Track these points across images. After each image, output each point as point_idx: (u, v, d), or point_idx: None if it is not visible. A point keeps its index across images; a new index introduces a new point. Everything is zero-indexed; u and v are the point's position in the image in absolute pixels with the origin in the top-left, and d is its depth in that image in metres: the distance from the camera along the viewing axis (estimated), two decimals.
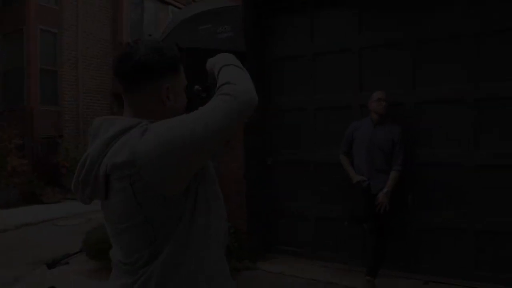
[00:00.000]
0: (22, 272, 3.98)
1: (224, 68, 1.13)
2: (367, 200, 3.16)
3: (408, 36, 3.43)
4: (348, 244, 3.72)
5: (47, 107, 9.42)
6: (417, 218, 3.41)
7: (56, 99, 9.72)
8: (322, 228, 3.88)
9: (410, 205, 3.41)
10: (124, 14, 10.85)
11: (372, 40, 3.61)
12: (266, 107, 4.06)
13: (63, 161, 8.64)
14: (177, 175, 0.98)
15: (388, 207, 3.12)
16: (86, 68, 10.29)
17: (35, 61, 9.24)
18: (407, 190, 3.37)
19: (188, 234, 1.04)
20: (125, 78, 1.09)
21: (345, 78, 3.75)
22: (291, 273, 3.65)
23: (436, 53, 3.35)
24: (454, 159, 3.27)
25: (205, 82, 1.27)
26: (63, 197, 8.26)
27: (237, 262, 3.70)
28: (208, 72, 1.24)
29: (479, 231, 3.18)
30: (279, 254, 4.07)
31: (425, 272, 3.36)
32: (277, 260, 3.98)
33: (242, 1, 3.72)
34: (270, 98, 4.07)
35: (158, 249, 1.02)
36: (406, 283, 3.32)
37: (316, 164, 3.90)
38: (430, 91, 3.35)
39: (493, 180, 3.13)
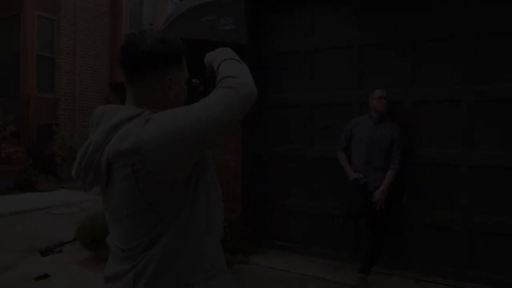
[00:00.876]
0: (16, 259, 3.97)
1: (225, 62, 1.14)
2: (363, 197, 3.17)
3: (407, 36, 3.43)
4: (341, 241, 3.75)
5: (43, 94, 9.33)
6: (411, 217, 3.44)
7: (53, 86, 9.63)
8: (316, 224, 3.90)
9: (404, 203, 3.44)
10: (124, 3, 10.76)
11: (371, 38, 3.60)
12: (264, 102, 4.06)
13: (58, 150, 8.59)
14: (179, 165, 1.00)
15: (384, 205, 3.15)
16: (84, 57, 10.20)
17: (31, 48, 9.12)
18: (403, 188, 3.39)
19: (188, 224, 1.05)
20: (129, 67, 1.09)
21: (343, 75, 3.74)
22: (283, 267, 3.68)
23: (434, 53, 3.35)
24: (449, 159, 3.29)
25: (203, 75, 1.27)
26: (58, 186, 8.22)
27: (230, 256, 3.72)
28: (206, 66, 1.25)
29: (472, 231, 3.21)
30: (272, 249, 4.09)
31: (417, 271, 3.39)
32: (270, 254, 4.00)
33: None
34: (268, 93, 4.07)
35: (158, 236, 1.03)
36: (397, 281, 3.35)
37: (312, 160, 3.91)
38: (428, 91, 3.37)
39: (487, 181, 3.16)
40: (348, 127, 3.41)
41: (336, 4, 3.79)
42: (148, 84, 1.09)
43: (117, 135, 1.02)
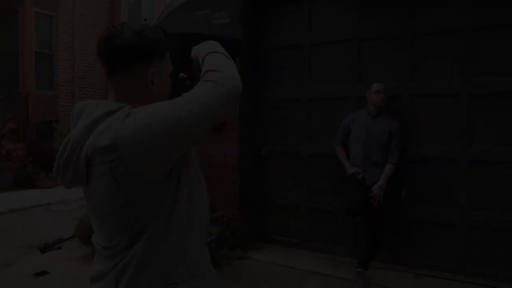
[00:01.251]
0: (15, 256, 3.97)
1: (209, 55, 1.11)
2: (361, 193, 3.16)
3: (406, 30, 3.38)
4: (340, 236, 3.74)
5: (42, 91, 9.31)
6: (409, 214, 3.42)
7: (52, 83, 9.61)
8: (314, 220, 3.88)
9: (403, 200, 3.42)
10: None
11: (370, 32, 3.56)
12: (262, 98, 4.03)
13: (58, 147, 8.56)
14: (158, 160, 0.97)
15: (382, 200, 3.13)
16: (82, 53, 10.16)
17: (30, 45, 9.08)
18: (401, 185, 3.37)
19: (170, 220, 1.03)
20: (109, 59, 1.07)
21: (341, 69, 3.71)
22: (282, 263, 3.67)
23: (433, 47, 3.31)
24: (448, 154, 3.27)
25: (190, 69, 1.25)
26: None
27: (229, 251, 3.71)
28: (193, 60, 1.23)
29: (471, 227, 3.19)
30: (270, 244, 4.08)
31: (416, 266, 3.38)
32: (269, 250, 3.99)
33: None
34: (266, 88, 4.04)
35: (139, 234, 1.01)
36: (397, 275, 3.34)
37: (310, 155, 3.89)
38: (427, 86, 3.33)
39: (486, 176, 3.13)
40: (345, 122, 3.38)
41: None
42: (129, 77, 1.07)
43: (96, 131, 0.99)
